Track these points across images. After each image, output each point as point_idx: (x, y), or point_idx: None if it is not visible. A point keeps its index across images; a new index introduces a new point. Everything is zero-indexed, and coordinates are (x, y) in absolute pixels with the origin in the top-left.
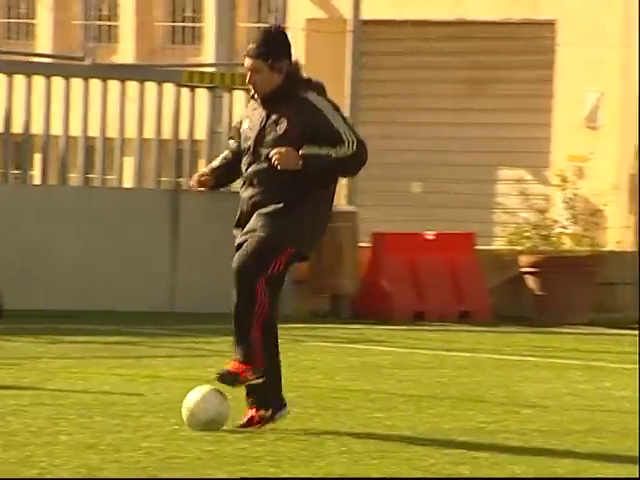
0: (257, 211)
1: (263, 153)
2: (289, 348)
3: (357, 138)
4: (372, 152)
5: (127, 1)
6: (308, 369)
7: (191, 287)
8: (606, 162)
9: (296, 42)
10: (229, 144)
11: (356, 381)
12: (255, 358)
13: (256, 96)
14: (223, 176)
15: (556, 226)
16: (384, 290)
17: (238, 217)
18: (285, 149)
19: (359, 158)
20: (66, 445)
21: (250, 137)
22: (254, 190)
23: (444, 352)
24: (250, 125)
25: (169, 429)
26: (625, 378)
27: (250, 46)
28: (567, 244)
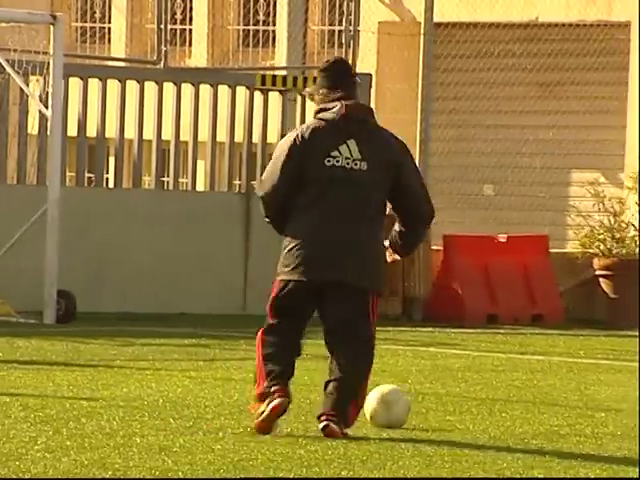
0: None
1: None
2: None
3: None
4: (444, 154)
5: (200, 4)
6: (380, 372)
7: (264, 290)
8: None
9: (369, 45)
10: None
11: (428, 384)
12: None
13: None
14: None
15: (630, 229)
16: (456, 293)
17: None
18: None
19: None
20: (139, 447)
21: None
22: None
23: (517, 355)
24: None
25: (241, 431)
26: None
27: None
28: None
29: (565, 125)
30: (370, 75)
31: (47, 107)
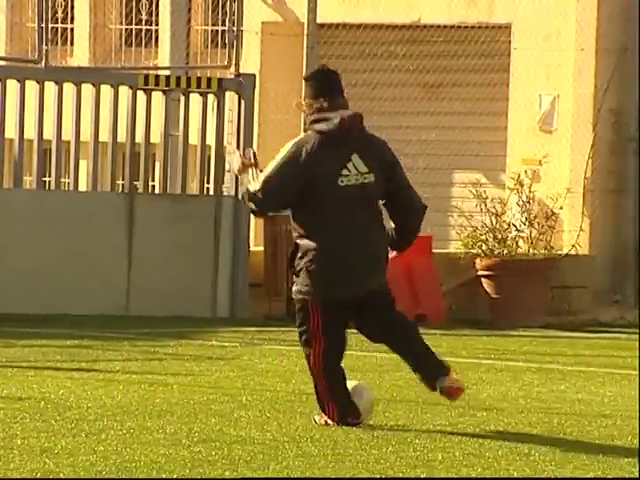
0: None
1: None
2: (245, 352)
3: (259, 187)
4: None
5: (81, 3)
6: (264, 372)
7: (146, 290)
8: (561, 165)
9: (252, 46)
10: None
11: (312, 384)
12: None
13: None
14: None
15: (511, 229)
16: None
17: None
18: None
19: (249, 202)
20: (20, 449)
21: None
22: None
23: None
24: None
25: (124, 433)
26: (580, 381)
27: None
28: (522, 247)
29: (448, 126)
30: (254, 75)
31: None
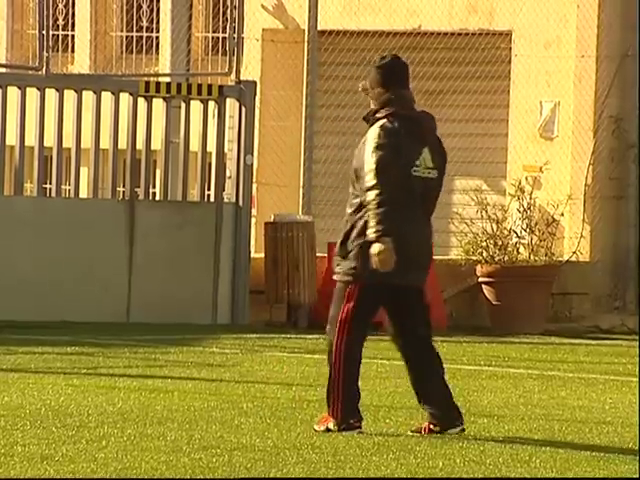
0: None
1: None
2: (246, 358)
3: (373, 184)
4: (329, 162)
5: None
6: (265, 379)
7: (147, 297)
8: (562, 172)
9: (253, 52)
10: None
11: (313, 391)
12: None
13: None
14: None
15: (512, 236)
16: None
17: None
18: (373, 253)
19: (376, 205)
20: (21, 456)
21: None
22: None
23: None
24: None
25: (125, 440)
26: (580, 387)
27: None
28: (523, 254)
29: (449, 133)
30: (255, 82)
31: None
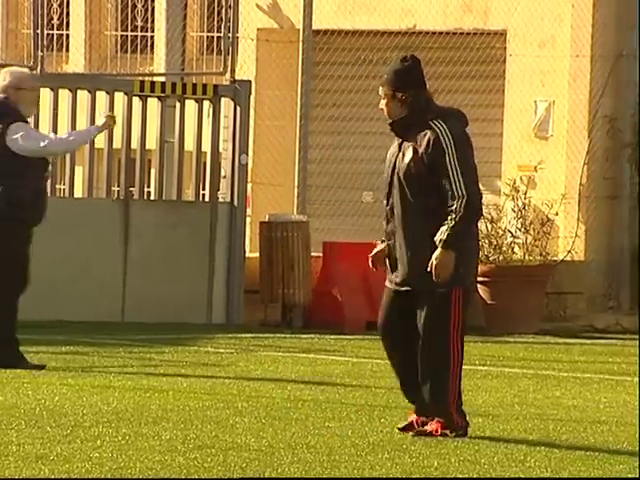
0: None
1: (395, 182)
2: (241, 358)
3: (467, 191)
4: (324, 161)
5: (77, 10)
6: (260, 379)
7: (142, 296)
8: (556, 171)
9: (248, 52)
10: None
11: (308, 391)
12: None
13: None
14: None
15: (507, 236)
16: (336, 299)
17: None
18: (434, 263)
19: (470, 215)
20: (16, 456)
21: (387, 166)
22: None
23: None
24: (390, 153)
25: (120, 439)
26: (575, 387)
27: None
28: (518, 254)
29: None
30: (249, 82)
31: None
